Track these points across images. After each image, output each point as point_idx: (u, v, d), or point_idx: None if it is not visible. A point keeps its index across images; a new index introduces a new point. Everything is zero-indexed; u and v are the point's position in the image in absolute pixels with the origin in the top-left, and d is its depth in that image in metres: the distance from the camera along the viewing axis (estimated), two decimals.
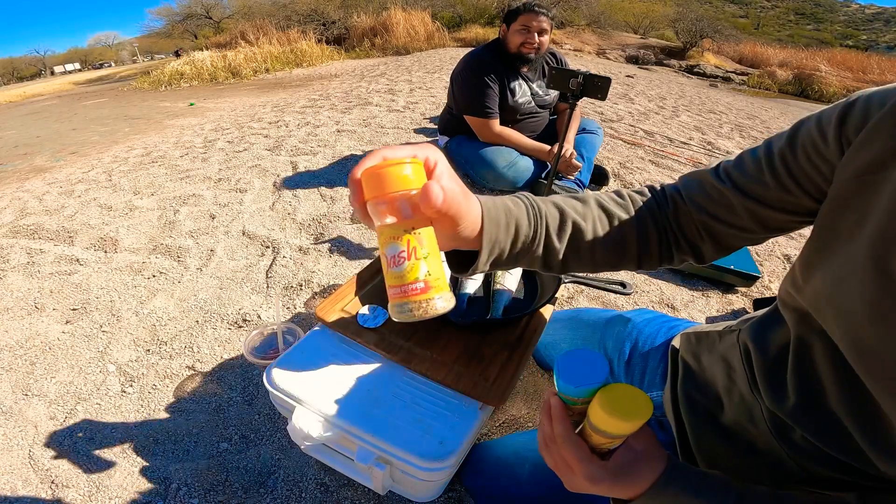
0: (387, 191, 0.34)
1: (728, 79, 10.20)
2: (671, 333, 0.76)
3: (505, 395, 0.72)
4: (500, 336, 0.82)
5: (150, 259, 1.61)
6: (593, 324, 0.90)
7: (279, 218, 1.86)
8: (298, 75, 7.48)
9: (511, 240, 0.46)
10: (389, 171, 0.34)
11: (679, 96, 5.58)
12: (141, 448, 0.96)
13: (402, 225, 0.35)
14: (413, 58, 7.73)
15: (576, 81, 1.45)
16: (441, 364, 0.77)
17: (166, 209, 1.98)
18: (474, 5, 13.39)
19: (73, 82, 14.88)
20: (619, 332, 0.83)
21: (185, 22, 20.33)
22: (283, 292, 1.42)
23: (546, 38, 1.93)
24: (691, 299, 1.47)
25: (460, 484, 0.87)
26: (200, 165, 2.53)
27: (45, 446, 0.96)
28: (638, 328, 0.81)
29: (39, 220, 1.95)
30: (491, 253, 0.46)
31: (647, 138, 3.18)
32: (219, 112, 4.43)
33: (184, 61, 8.58)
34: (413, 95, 4.13)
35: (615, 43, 12.26)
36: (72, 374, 1.14)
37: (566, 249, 0.50)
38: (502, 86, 1.97)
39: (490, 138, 2.03)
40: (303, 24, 11.93)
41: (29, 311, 1.38)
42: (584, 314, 0.97)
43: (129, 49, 41.51)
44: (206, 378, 1.13)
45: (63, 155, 3.39)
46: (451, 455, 0.66)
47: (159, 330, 1.29)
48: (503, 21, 1.96)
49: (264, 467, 0.92)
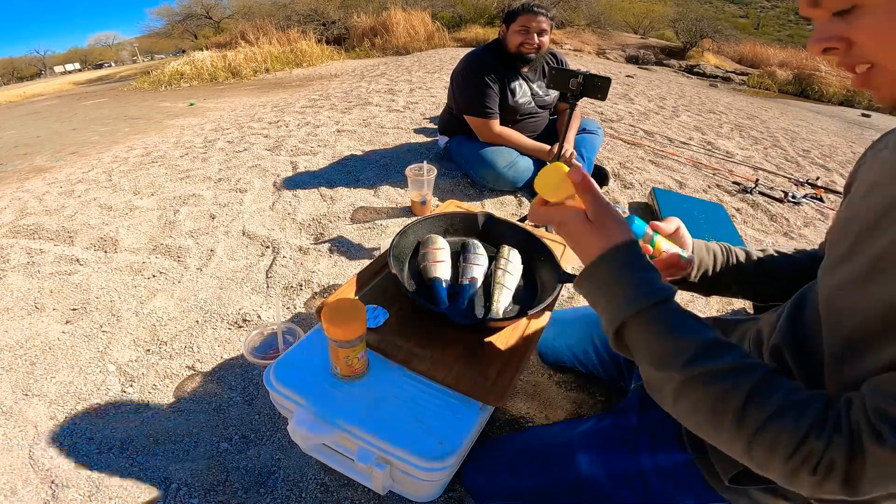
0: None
1: (728, 79, 10.20)
2: None
3: (505, 395, 0.72)
4: (500, 336, 0.82)
5: (150, 259, 1.61)
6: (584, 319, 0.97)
7: (279, 218, 1.86)
8: (298, 75, 7.48)
9: (712, 260, 0.71)
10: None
11: (679, 96, 5.58)
12: (141, 448, 0.95)
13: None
14: (413, 58, 7.73)
15: (576, 81, 1.45)
16: (441, 364, 0.77)
17: (166, 209, 1.98)
18: (474, 5, 13.38)
19: (73, 82, 14.88)
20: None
21: (185, 22, 20.31)
22: (283, 292, 1.42)
23: (546, 38, 1.93)
24: (691, 299, 1.47)
25: (460, 484, 0.87)
26: (200, 165, 2.53)
27: (45, 446, 0.96)
28: None
29: (39, 220, 1.95)
30: (700, 267, 0.70)
31: (646, 138, 3.18)
32: (219, 112, 4.43)
33: (184, 61, 8.58)
34: (413, 95, 4.13)
35: (615, 43, 12.26)
36: (72, 374, 1.14)
37: (757, 275, 0.71)
38: (502, 86, 1.97)
39: (490, 138, 2.03)
40: (303, 24, 11.92)
41: (29, 311, 1.38)
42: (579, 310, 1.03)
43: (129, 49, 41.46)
44: (206, 378, 1.13)
45: (63, 155, 3.39)
46: (451, 455, 0.66)
47: (159, 330, 1.29)
48: (503, 21, 1.96)
49: (264, 467, 0.92)
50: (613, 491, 0.65)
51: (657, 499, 0.63)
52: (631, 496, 0.64)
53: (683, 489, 0.61)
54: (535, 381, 1.12)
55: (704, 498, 0.59)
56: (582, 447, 0.70)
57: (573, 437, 0.72)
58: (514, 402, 1.07)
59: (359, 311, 0.65)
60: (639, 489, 0.64)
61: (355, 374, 0.73)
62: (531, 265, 0.98)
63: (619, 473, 0.65)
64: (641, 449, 0.65)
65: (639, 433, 0.66)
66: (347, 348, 0.67)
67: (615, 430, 0.69)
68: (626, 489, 0.65)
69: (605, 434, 0.69)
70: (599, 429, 0.71)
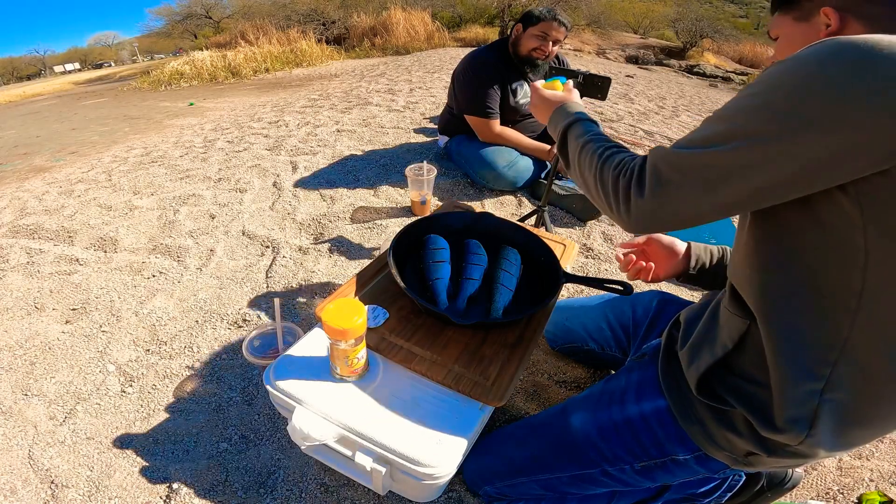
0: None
1: (728, 79, 10.19)
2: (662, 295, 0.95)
3: (505, 395, 0.72)
4: (500, 336, 0.82)
5: (150, 259, 1.61)
6: (598, 301, 1.03)
7: (279, 218, 1.86)
8: (298, 75, 7.48)
9: (709, 257, 0.83)
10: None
11: (679, 96, 5.58)
12: (141, 448, 0.95)
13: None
14: (413, 58, 7.72)
15: (576, 81, 1.45)
16: (441, 364, 0.77)
17: (166, 209, 1.98)
18: (474, 5, 13.37)
19: (73, 82, 14.88)
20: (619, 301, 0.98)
21: (185, 22, 20.29)
22: (283, 292, 1.42)
23: (557, 47, 1.91)
24: (691, 299, 1.47)
25: (460, 484, 0.87)
26: (200, 165, 2.53)
27: (45, 446, 0.96)
28: (634, 295, 0.94)
29: (39, 219, 1.95)
30: (697, 260, 0.82)
31: (647, 138, 3.18)
32: (219, 112, 4.43)
33: (184, 61, 8.57)
34: (413, 95, 4.12)
35: (615, 43, 12.26)
36: (71, 374, 1.14)
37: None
38: (504, 86, 1.96)
39: (490, 138, 2.03)
40: (303, 23, 11.91)
41: (29, 311, 1.38)
42: (591, 298, 1.09)
43: (129, 49, 41.43)
44: (206, 378, 1.13)
45: (63, 155, 3.39)
46: (451, 455, 0.66)
47: (159, 330, 1.29)
48: (520, 21, 1.91)
49: (264, 467, 0.92)
50: (605, 444, 0.69)
51: (648, 449, 0.66)
52: (621, 448, 0.68)
53: (671, 436, 0.64)
54: (535, 381, 1.12)
55: (690, 445, 0.63)
56: (574, 410, 0.75)
57: (566, 404, 0.78)
58: (514, 402, 1.07)
59: (358, 311, 0.65)
60: (629, 439, 0.67)
61: (355, 374, 0.74)
62: (531, 265, 0.98)
63: (608, 426, 0.69)
64: (628, 401, 0.69)
65: (626, 390, 0.71)
66: (347, 348, 0.68)
67: (605, 392, 0.74)
68: (617, 443, 0.68)
69: (595, 396, 0.75)
70: (591, 393, 0.76)
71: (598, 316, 1.02)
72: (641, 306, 0.95)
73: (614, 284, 0.88)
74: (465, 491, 0.88)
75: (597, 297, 1.08)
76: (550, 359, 1.19)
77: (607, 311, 1.00)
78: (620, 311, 0.98)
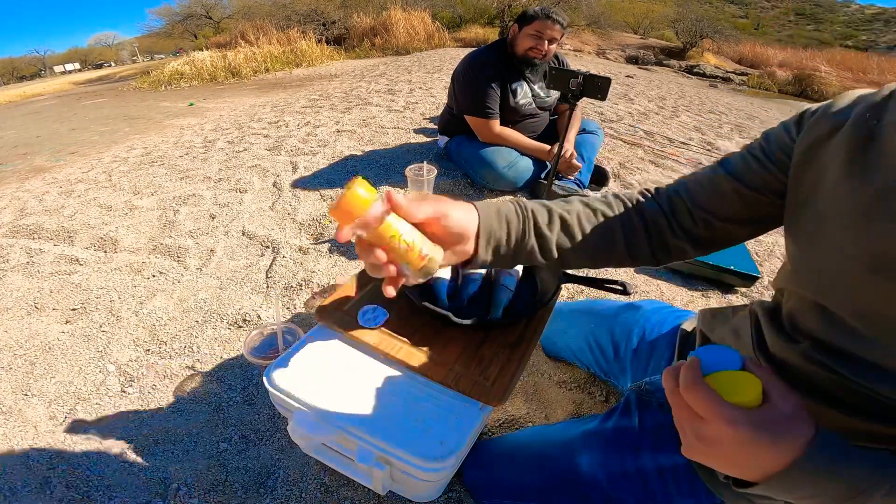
0: (355, 215, 0.47)
1: (728, 79, 10.20)
2: (678, 322, 0.80)
3: (505, 395, 0.72)
4: (500, 336, 0.82)
5: (150, 259, 1.61)
6: (604, 312, 0.95)
7: (279, 218, 1.86)
8: (298, 75, 7.48)
9: (505, 230, 0.55)
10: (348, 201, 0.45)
11: (679, 96, 5.58)
12: (141, 448, 0.95)
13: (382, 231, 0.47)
14: (413, 58, 7.73)
15: (576, 82, 1.45)
16: (441, 364, 0.77)
17: (166, 209, 1.98)
18: (474, 5, 13.38)
19: (73, 82, 14.88)
20: (628, 318, 0.88)
21: (185, 22, 20.31)
22: (283, 292, 1.42)
23: (554, 46, 1.92)
24: (691, 299, 1.47)
25: (460, 484, 0.87)
26: (200, 165, 2.53)
27: (45, 446, 0.96)
28: (646, 316, 0.85)
29: (39, 219, 1.95)
30: (489, 241, 0.54)
31: (646, 138, 3.18)
32: (219, 112, 4.43)
33: (184, 61, 8.58)
34: (413, 95, 4.13)
35: (615, 43, 12.27)
36: (71, 374, 1.14)
37: (558, 240, 0.58)
38: (504, 87, 1.96)
39: (490, 138, 2.03)
40: (303, 24, 11.92)
41: (29, 311, 1.38)
42: (596, 304, 1.02)
43: (129, 49, 41.44)
44: (206, 378, 1.13)
45: (63, 155, 3.39)
46: (451, 455, 0.66)
47: (159, 330, 1.29)
48: (516, 22, 1.93)
49: (264, 467, 0.92)
50: (612, 490, 0.65)
51: (656, 498, 0.63)
52: (630, 496, 0.65)
53: (683, 490, 0.61)
54: (535, 381, 1.12)
55: (702, 499, 0.60)
56: (582, 448, 0.70)
57: (574, 438, 0.73)
58: (514, 402, 1.07)
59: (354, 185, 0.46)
60: (638, 489, 0.64)
61: (424, 259, 0.49)
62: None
63: (619, 473, 0.65)
64: (644, 450, 0.65)
65: (641, 436, 0.66)
66: (373, 233, 0.48)
67: (617, 433, 0.69)
68: (625, 489, 0.65)
69: (606, 436, 0.70)
70: (601, 431, 0.71)
71: (580, 337, 0.98)
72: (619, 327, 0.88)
73: (614, 284, 0.88)
74: (465, 491, 0.88)
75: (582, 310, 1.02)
76: (550, 359, 1.19)
77: (587, 333, 0.95)
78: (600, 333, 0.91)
